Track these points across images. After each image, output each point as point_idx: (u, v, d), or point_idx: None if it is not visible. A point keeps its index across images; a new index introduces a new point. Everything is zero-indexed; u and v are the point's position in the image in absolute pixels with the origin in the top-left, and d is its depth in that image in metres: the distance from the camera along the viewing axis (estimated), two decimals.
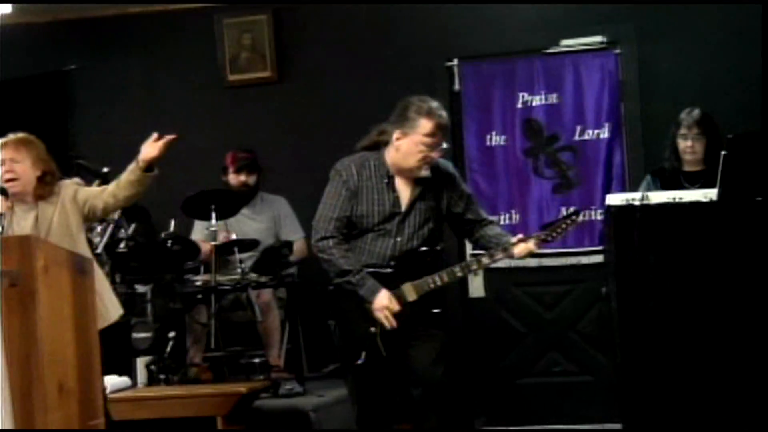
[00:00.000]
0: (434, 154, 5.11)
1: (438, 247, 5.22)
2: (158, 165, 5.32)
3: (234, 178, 7.34)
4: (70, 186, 5.41)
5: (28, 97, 7.99)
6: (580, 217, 5.31)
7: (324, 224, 5.14)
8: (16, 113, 7.56)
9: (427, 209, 5.16)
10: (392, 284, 5.08)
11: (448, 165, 5.36)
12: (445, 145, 5.18)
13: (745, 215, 5.29)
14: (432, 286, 5.08)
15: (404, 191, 5.17)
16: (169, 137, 5.27)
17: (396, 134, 5.11)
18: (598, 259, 7.10)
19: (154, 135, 5.32)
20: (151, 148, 5.29)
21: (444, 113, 5.14)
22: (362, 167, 5.16)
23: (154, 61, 8.09)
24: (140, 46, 8.10)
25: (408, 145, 5.09)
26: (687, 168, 6.15)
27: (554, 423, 7.38)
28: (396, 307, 5.03)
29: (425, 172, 5.13)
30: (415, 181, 5.16)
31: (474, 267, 5.16)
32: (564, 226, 5.20)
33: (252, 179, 7.35)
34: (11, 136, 5.38)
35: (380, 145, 5.21)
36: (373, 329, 5.06)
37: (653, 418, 5.32)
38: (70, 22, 8.06)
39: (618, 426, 5.69)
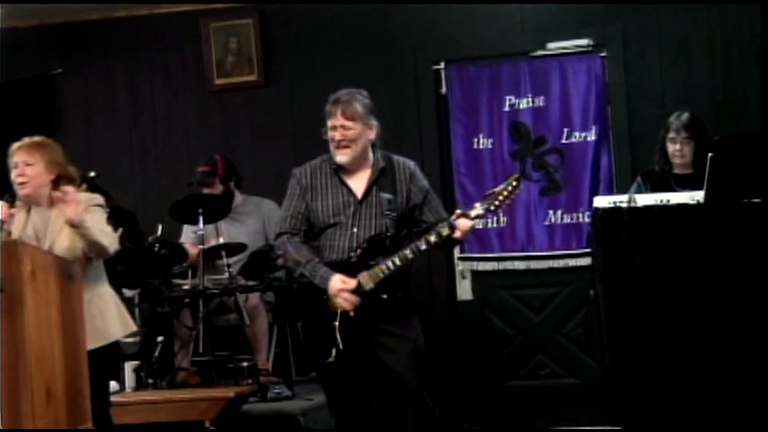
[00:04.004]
0: (336, 135, 5.19)
1: (394, 232, 5.22)
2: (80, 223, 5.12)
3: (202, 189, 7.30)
4: (87, 199, 5.31)
5: (13, 102, 7.95)
6: (523, 183, 5.26)
7: (280, 223, 5.32)
8: (1, 118, 7.55)
9: (384, 200, 5.20)
10: (355, 274, 5.12)
11: (409, 161, 5.40)
12: (352, 126, 5.19)
13: (731, 217, 5.30)
14: (386, 272, 5.10)
15: (358, 183, 5.26)
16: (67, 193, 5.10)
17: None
18: (586, 261, 7.12)
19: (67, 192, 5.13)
20: (68, 211, 5.08)
21: (341, 93, 5.25)
22: (317, 168, 5.32)
23: (140, 65, 8.07)
24: (125, 50, 8.08)
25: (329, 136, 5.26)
26: (677, 171, 6.16)
27: (542, 426, 7.38)
28: (352, 285, 5.06)
29: (341, 158, 5.21)
30: (371, 174, 5.25)
31: (423, 246, 5.09)
32: (506, 193, 5.15)
33: (215, 191, 7.26)
34: (26, 140, 5.32)
35: None
36: (335, 323, 5.08)
37: (641, 420, 5.33)
38: (54, 26, 8.04)
39: (606, 428, 5.69)
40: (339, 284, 5.07)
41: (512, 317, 7.56)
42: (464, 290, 7.60)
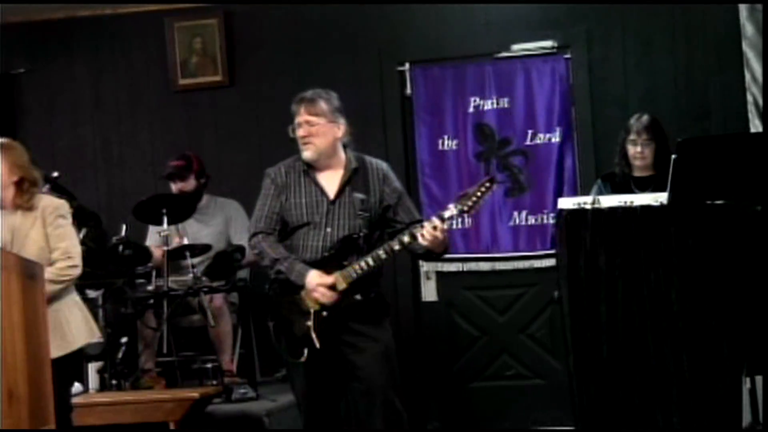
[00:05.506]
0: (301, 131, 5.26)
1: (367, 232, 5.24)
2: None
3: (172, 186, 7.28)
4: (53, 207, 5.27)
5: None
6: (495, 185, 5.28)
7: (255, 222, 5.34)
8: None
9: (357, 200, 5.22)
10: (329, 274, 5.13)
11: (382, 163, 5.44)
12: (316, 121, 5.26)
13: (694, 219, 5.33)
14: (359, 272, 5.10)
15: (331, 183, 5.28)
16: None
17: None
18: (550, 262, 7.12)
19: None
20: None
21: (306, 92, 5.36)
22: (290, 167, 5.35)
23: (104, 65, 8.03)
24: (89, 50, 8.04)
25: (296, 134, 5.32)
26: (637, 173, 6.19)
27: (506, 427, 7.39)
28: (329, 280, 5.08)
29: (306, 153, 5.26)
30: (344, 173, 5.27)
31: (396, 247, 5.12)
32: (479, 194, 5.16)
33: (188, 186, 7.24)
34: None
35: None
36: (309, 323, 5.08)
37: (605, 421, 5.34)
38: (17, 25, 7.97)
39: (570, 429, 5.71)
40: (317, 279, 5.09)
41: (477, 318, 7.57)
42: (429, 291, 7.61)
